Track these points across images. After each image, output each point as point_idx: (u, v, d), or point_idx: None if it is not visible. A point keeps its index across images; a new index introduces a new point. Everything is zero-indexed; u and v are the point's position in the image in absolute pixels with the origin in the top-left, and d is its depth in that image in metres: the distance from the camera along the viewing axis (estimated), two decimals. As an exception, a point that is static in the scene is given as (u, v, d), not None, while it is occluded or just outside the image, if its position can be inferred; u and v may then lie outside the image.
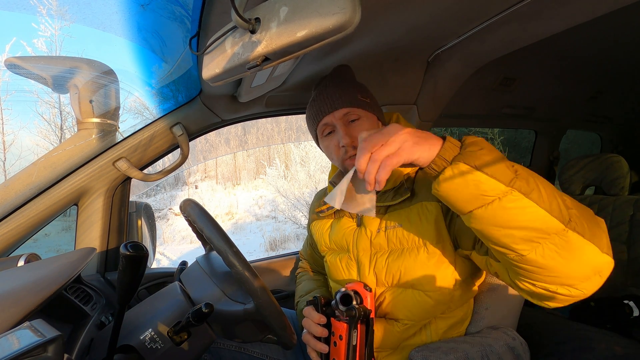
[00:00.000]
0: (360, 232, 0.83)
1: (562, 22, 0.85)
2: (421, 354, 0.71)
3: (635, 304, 1.43)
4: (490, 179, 0.50)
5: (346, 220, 0.89)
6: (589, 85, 1.68)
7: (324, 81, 0.86)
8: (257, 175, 12.95)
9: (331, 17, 0.42)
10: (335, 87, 0.81)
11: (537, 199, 0.49)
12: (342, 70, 0.88)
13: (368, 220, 0.82)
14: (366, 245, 0.81)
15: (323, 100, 0.81)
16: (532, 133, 2.10)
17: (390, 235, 0.78)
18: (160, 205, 10.72)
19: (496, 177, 0.50)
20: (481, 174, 0.50)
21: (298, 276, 1.14)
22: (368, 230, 0.82)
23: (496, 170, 0.50)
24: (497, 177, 0.50)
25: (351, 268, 0.85)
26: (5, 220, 0.88)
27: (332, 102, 0.80)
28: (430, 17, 0.83)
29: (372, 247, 0.81)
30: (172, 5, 0.67)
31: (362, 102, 0.80)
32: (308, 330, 0.75)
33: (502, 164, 0.51)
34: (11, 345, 0.39)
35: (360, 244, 0.83)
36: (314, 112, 0.84)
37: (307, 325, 0.75)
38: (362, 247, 0.82)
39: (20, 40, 7.36)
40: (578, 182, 1.63)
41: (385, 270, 0.78)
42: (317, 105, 0.83)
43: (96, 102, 0.98)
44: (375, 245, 0.80)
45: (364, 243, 0.82)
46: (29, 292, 0.57)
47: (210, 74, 0.61)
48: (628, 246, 1.43)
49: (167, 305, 0.76)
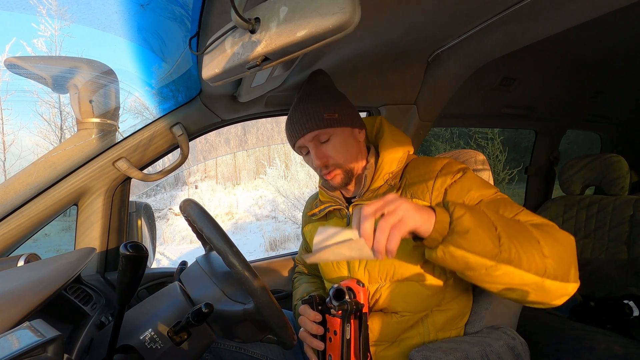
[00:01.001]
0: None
1: (562, 22, 0.85)
2: (421, 354, 0.71)
3: (635, 304, 1.43)
4: (477, 258, 0.55)
5: (336, 221, 0.92)
6: (589, 85, 1.68)
7: (297, 98, 0.87)
8: (257, 175, 12.95)
9: (331, 17, 0.42)
10: (303, 110, 0.83)
11: (519, 265, 0.57)
12: (314, 81, 0.88)
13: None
14: None
15: (293, 124, 0.84)
16: (532, 133, 2.10)
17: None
18: (160, 205, 10.72)
19: (483, 255, 0.55)
20: (469, 255, 0.55)
21: (295, 280, 1.15)
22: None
23: (483, 249, 0.55)
24: (484, 254, 0.55)
25: (342, 266, 0.86)
26: (5, 220, 0.88)
27: (301, 126, 0.82)
28: (430, 17, 0.83)
29: None
30: (172, 5, 0.67)
31: (329, 120, 0.81)
32: (304, 327, 0.76)
33: (488, 241, 0.56)
34: (11, 345, 0.39)
35: None
36: (289, 135, 0.87)
37: (303, 322, 0.76)
38: None
39: (20, 40, 7.36)
40: (578, 182, 1.63)
41: (377, 267, 0.79)
42: (290, 128, 0.86)
43: (96, 102, 0.98)
44: None
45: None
46: (28, 292, 0.57)
47: (210, 74, 0.61)
48: (628, 246, 1.43)
49: (167, 305, 0.76)
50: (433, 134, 7.13)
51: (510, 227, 0.60)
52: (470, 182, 0.75)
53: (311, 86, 0.87)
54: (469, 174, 0.77)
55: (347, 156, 0.84)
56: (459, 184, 0.75)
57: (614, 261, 1.46)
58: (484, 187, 0.75)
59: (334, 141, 0.83)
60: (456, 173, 0.77)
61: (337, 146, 0.83)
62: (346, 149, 0.83)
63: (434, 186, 0.76)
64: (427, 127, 1.38)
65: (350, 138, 0.85)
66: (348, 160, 0.84)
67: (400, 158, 0.85)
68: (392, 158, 0.84)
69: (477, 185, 0.74)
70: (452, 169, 0.78)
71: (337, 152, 0.83)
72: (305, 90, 0.87)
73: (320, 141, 0.83)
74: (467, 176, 0.76)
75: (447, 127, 3.38)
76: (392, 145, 0.86)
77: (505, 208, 0.69)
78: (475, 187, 0.74)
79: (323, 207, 0.93)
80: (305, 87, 0.88)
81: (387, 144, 0.86)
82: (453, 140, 7.25)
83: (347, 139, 0.84)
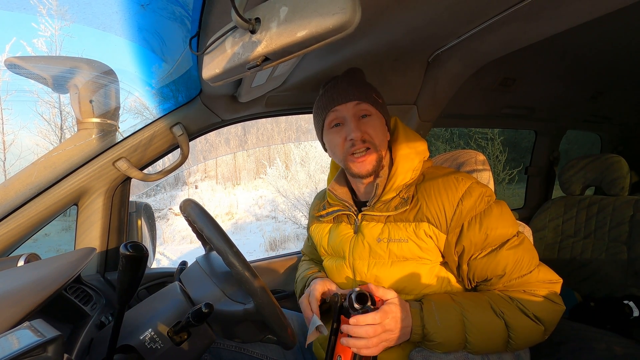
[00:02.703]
0: (357, 240, 0.83)
1: (562, 22, 0.85)
2: (421, 354, 0.71)
3: (635, 304, 1.43)
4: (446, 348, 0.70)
5: (344, 227, 0.88)
6: (589, 86, 1.68)
7: (335, 79, 0.84)
8: (257, 175, 12.95)
9: (331, 17, 0.42)
10: (349, 83, 0.80)
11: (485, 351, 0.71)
12: (356, 71, 0.87)
13: (366, 229, 0.82)
14: (363, 253, 0.81)
15: (336, 92, 0.79)
16: (532, 133, 2.10)
17: (393, 248, 0.78)
18: (160, 205, 10.72)
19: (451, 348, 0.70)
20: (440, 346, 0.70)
21: (300, 264, 1.15)
22: (366, 239, 0.81)
23: (451, 347, 0.70)
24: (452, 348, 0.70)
25: (347, 274, 0.85)
26: (5, 220, 0.88)
27: (347, 94, 0.78)
28: (430, 17, 0.83)
29: (370, 256, 0.80)
30: (172, 5, 0.67)
31: (376, 100, 0.80)
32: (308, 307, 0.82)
33: (456, 345, 0.70)
34: (11, 345, 0.39)
35: (356, 251, 0.82)
36: (324, 103, 0.81)
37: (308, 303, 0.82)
38: (359, 255, 0.82)
39: (20, 40, 7.36)
40: (578, 183, 1.63)
41: (384, 279, 0.78)
42: (329, 96, 0.80)
43: (96, 102, 0.97)
44: (374, 254, 0.80)
45: (360, 251, 0.82)
46: (29, 292, 0.57)
47: (210, 74, 0.61)
48: (628, 246, 1.43)
49: (167, 305, 0.76)
50: (433, 134, 7.13)
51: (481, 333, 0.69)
52: (490, 222, 0.72)
53: (354, 73, 0.85)
54: (492, 210, 0.74)
55: (382, 141, 0.80)
56: (479, 224, 0.72)
57: (614, 261, 1.46)
58: (506, 225, 0.73)
59: (374, 121, 0.79)
60: (479, 204, 0.74)
61: (376, 127, 0.79)
62: (383, 134, 0.80)
63: (454, 218, 0.74)
64: (427, 127, 1.38)
65: (385, 130, 0.82)
66: (382, 146, 0.80)
67: (415, 167, 0.81)
68: (407, 168, 0.80)
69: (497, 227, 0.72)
70: (475, 197, 0.74)
71: (375, 132, 0.78)
72: (348, 74, 0.84)
73: (361, 115, 0.78)
74: (488, 213, 0.73)
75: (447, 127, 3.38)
76: (407, 153, 0.82)
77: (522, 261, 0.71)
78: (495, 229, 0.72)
79: (331, 211, 0.91)
80: (346, 73, 0.85)
81: (402, 150, 0.82)
82: (453, 140, 7.25)
83: (383, 127, 0.81)
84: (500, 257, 0.71)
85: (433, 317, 0.70)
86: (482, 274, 0.73)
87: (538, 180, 2.12)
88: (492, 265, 0.72)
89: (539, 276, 0.72)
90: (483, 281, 0.75)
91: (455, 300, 0.72)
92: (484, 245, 0.72)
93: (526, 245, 0.73)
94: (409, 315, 0.70)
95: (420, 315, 0.70)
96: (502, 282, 0.72)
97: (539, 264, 0.73)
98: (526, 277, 0.71)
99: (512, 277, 0.71)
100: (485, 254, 0.72)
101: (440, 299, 0.74)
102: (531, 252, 0.73)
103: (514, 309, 0.70)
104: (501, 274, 0.71)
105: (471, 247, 0.73)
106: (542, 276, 0.72)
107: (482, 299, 0.72)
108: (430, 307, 0.71)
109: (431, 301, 0.73)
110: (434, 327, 0.69)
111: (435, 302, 0.72)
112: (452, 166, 1.07)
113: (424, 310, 0.71)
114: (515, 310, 0.70)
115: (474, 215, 0.73)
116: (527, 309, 0.69)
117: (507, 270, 0.71)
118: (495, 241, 0.72)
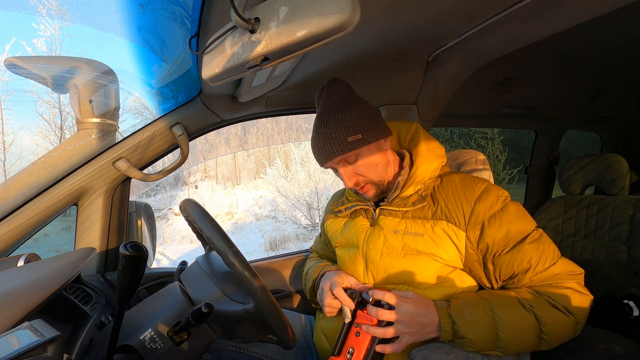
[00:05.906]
0: (373, 231, 0.86)
1: (562, 22, 0.85)
2: (422, 354, 0.71)
3: (635, 304, 1.43)
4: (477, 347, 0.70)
5: (360, 219, 0.92)
6: (589, 85, 1.68)
7: (317, 114, 0.82)
8: (257, 175, 12.95)
9: (331, 17, 0.42)
10: (326, 134, 0.78)
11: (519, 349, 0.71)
12: (332, 94, 0.81)
13: (383, 221, 0.85)
14: (378, 242, 0.84)
15: (318, 149, 0.81)
16: (532, 133, 2.10)
17: (408, 240, 0.80)
18: (160, 205, 10.72)
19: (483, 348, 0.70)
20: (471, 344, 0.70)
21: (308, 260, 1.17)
22: (382, 230, 0.84)
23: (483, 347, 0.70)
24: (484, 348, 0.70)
25: (358, 263, 0.87)
26: (5, 220, 0.88)
27: (326, 151, 0.80)
28: (430, 17, 0.83)
29: (384, 247, 0.83)
30: (172, 5, 0.67)
31: (353, 143, 0.77)
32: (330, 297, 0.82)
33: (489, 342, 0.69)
34: (11, 345, 0.39)
35: (371, 240, 0.85)
36: (316, 157, 0.85)
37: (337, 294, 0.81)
38: (373, 245, 0.84)
39: (20, 40, 7.36)
40: (578, 182, 1.63)
41: (395, 270, 0.80)
42: (315, 151, 0.83)
43: (96, 102, 0.97)
44: (388, 245, 0.82)
45: (375, 240, 0.84)
46: (28, 292, 0.57)
47: (210, 74, 0.61)
48: (628, 246, 1.42)
49: (167, 305, 0.76)
50: (433, 134, 7.13)
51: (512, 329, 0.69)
52: (510, 218, 0.76)
53: (330, 100, 0.81)
54: (509, 208, 0.77)
55: (376, 171, 0.83)
56: (498, 220, 0.76)
57: (614, 261, 1.46)
58: (525, 221, 0.76)
59: (362, 160, 0.82)
60: (495, 204, 0.77)
61: (365, 164, 0.82)
62: (375, 165, 0.83)
63: (472, 215, 0.77)
64: (427, 127, 1.38)
65: (377, 152, 0.83)
66: (378, 174, 0.84)
67: (434, 169, 0.85)
68: (427, 169, 0.84)
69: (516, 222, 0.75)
70: (491, 198, 0.78)
71: (366, 170, 0.82)
72: (325, 107, 0.81)
73: (348, 162, 0.82)
74: (505, 211, 0.76)
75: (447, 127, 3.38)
76: (427, 155, 0.86)
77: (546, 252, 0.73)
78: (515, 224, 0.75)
79: (350, 206, 0.94)
80: (324, 102, 0.82)
81: (422, 153, 0.86)
82: (453, 140, 7.25)
83: (373, 154, 0.82)
84: (524, 250, 0.73)
85: (462, 313, 0.70)
86: (508, 270, 0.75)
87: (538, 180, 2.12)
88: (517, 259, 0.73)
89: (563, 267, 0.73)
90: (509, 278, 0.76)
91: (483, 297, 0.74)
92: (506, 241, 0.75)
93: (546, 239, 0.76)
94: (431, 312, 0.72)
95: (447, 312, 0.71)
96: (528, 277, 0.74)
97: (561, 256, 0.75)
98: (551, 268, 0.73)
99: (537, 270, 0.73)
100: (509, 249, 0.74)
101: (468, 296, 0.76)
102: (552, 244, 0.75)
103: (543, 302, 0.70)
104: (527, 267, 0.73)
105: (494, 244, 0.75)
106: (566, 268, 0.74)
107: (510, 296, 0.73)
108: (458, 304, 0.73)
109: (459, 299, 0.74)
110: (464, 323, 0.69)
111: (463, 299, 0.74)
112: (452, 166, 1.07)
113: (452, 307, 0.72)
114: (545, 303, 0.70)
115: (492, 214, 0.76)
116: (557, 302, 0.70)
117: (532, 263, 0.73)
118: (516, 236, 0.75)
